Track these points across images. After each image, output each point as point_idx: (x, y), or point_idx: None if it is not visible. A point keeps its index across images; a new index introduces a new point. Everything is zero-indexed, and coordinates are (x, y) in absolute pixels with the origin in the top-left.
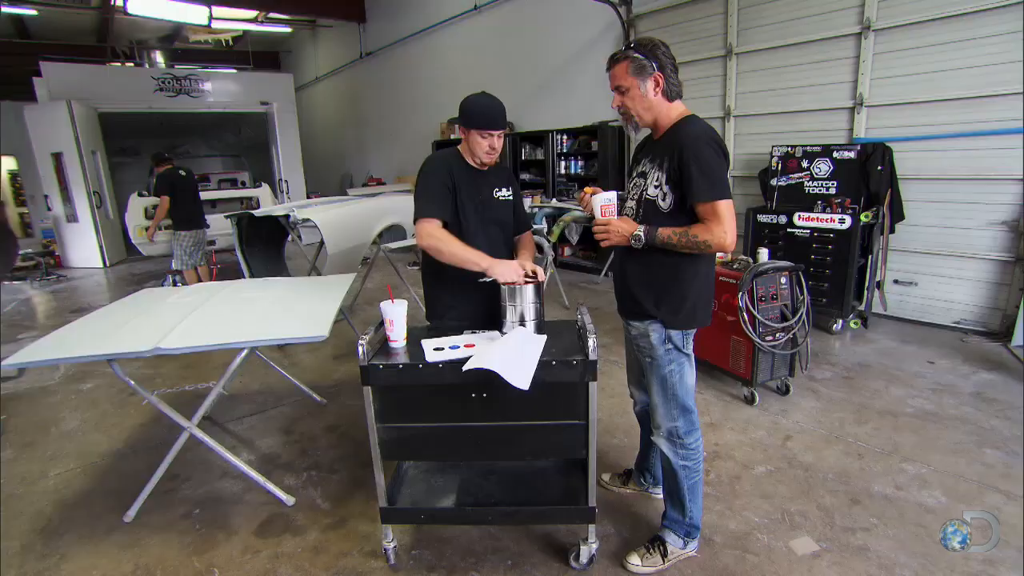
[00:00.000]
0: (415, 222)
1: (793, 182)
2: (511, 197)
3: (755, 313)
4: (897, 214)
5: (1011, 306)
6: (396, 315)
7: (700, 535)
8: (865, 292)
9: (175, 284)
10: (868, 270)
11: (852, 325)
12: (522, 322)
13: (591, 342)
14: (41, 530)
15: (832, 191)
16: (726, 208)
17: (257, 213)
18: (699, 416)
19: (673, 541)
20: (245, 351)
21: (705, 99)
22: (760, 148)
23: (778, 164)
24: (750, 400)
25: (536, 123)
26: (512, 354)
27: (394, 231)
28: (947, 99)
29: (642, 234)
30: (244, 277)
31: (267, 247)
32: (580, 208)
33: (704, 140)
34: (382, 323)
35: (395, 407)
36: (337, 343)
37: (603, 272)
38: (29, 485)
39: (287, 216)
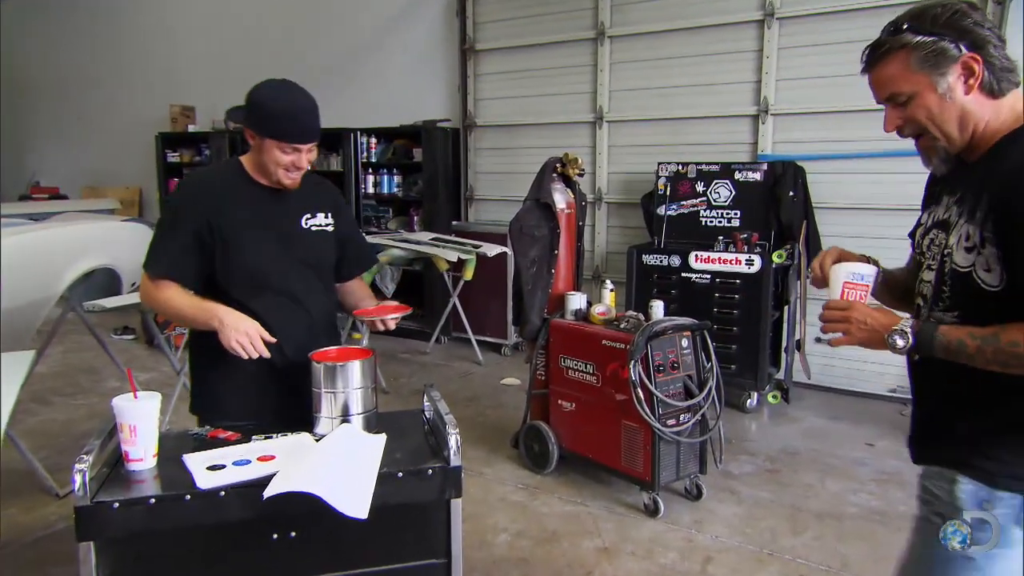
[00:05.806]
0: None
1: (686, 211)
2: (331, 227)
3: (652, 388)
4: (814, 252)
5: None
6: (142, 418)
7: None
8: (783, 355)
9: None
10: (785, 326)
11: (770, 399)
12: (345, 417)
13: (452, 440)
14: None
15: (735, 223)
16: None
17: None
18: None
19: None
20: None
21: (570, 96)
22: (642, 166)
23: (666, 187)
24: (652, 510)
25: (328, 118)
26: (338, 467)
27: (95, 280)
28: (854, 110)
29: (909, 332)
30: None
31: None
32: (407, 245)
33: None
34: (112, 431)
35: (141, 571)
36: None
37: (433, 338)
38: None
39: None
